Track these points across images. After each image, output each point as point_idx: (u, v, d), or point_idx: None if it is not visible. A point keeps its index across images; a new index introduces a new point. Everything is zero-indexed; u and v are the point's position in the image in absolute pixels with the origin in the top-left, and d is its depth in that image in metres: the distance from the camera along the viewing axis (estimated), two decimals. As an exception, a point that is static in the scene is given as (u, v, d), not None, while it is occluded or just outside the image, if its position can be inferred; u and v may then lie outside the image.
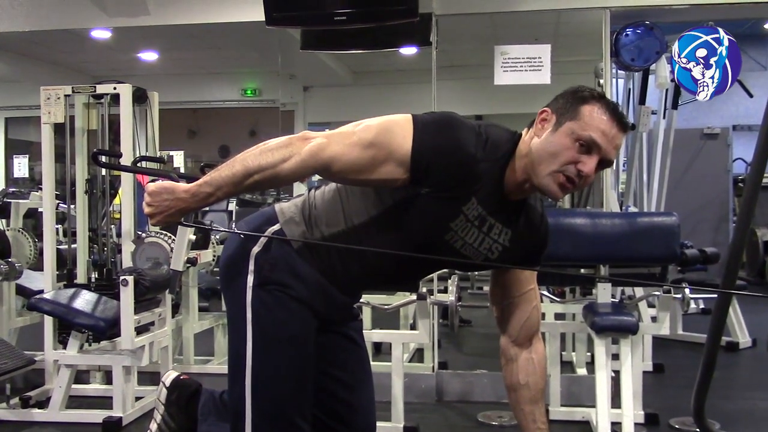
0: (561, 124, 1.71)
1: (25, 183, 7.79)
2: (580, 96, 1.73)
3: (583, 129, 1.69)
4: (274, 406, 1.83)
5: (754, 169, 1.98)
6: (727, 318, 2.48)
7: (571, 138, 1.69)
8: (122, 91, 3.97)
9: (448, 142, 1.69)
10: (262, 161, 1.68)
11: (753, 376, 4.65)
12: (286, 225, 1.85)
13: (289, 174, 1.69)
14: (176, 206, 1.73)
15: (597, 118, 1.70)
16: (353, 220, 1.82)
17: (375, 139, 1.70)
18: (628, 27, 4.47)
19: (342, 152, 1.69)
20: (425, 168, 1.68)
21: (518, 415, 1.99)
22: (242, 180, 1.69)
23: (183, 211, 1.75)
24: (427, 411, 3.86)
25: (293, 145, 1.68)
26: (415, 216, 1.75)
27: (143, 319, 3.63)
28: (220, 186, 1.71)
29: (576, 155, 1.69)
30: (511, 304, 1.96)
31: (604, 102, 1.73)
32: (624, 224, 3.43)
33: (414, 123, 1.71)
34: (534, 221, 1.89)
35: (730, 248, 2.12)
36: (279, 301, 1.81)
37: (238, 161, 1.69)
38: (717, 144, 7.39)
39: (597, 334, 3.22)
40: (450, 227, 1.76)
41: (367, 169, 1.70)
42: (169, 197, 1.73)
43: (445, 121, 1.73)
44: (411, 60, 6.43)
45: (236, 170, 1.69)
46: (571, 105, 1.72)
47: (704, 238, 6.30)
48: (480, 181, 1.72)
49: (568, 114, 1.71)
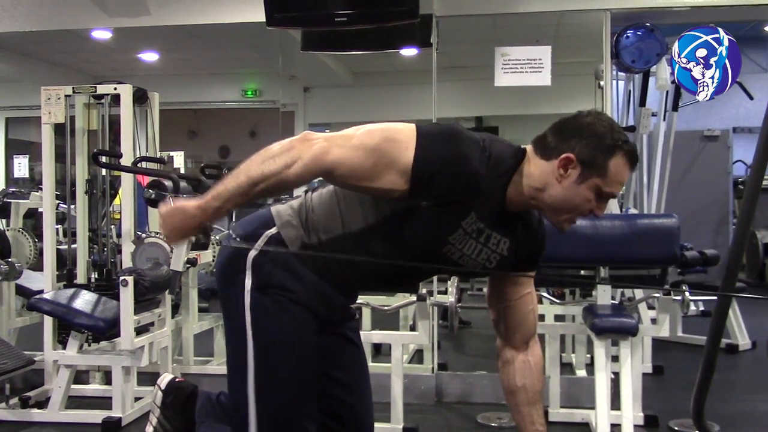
0: (587, 179, 1.72)
1: (25, 183, 7.79)
2: (608, 147, 1.71)
3: (608, 186, 1.73)
4: (280, 410, 1.82)
5: (755, 171, 1.98)
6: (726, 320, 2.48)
7: (595, 192, 1.74)
8: (123, 91, 3.97)
9: (452, 156, 1.67)
10: (265, 170, 1.66)
11: (752, 379, 4.64)
12: (283, 228, 1.84)
13: (294, 179, 1.68)
14: (190, 224, 1.75)
15: (622, 172, 1.74)
16: (350, 227, 1.81)
17: (378, 146, 1.68)
18: (628, 29, 4.47)
19: (345, 156, 1.67)
20: (426, 181, 1.67)
21: (516, 417, 1.99)
22: (248, 190, 1.68)
23: (197, 228, 1.77)
24: (426, 412, 3.86)
25: (295, 149, 1.67)
26: (413, 228, 1.75)
27: (143, 320, 3.63)
28: (228, 199, 1.71)
29: (594, 203, 1.76)
30: (507, 308, 1.97)
31: (628, 150, 1.74)
32: (624, 226, 3.43)
33: (417, 134, 1.69)
34: (532, 226, 1.90)
35: (730, 250, 2.12)
36: (278, 305, 1.81)
37: (242, 171, 1.69)
38: (717, 146, 7.39)
39: (597, 336, 3.22)
40: (448, 240, 1.77)
41: (368, 177, 1.68)
42: (182, 217, 1.74)
43: (450, 134, 1.71)
44: (411, 61, 6.42)
45: (241, 181, 1.68)
46: (599, 159, 1.71)
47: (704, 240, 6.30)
48: (481, 197, 1.71)
49: (596, 170, 1.72)
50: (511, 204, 1.78)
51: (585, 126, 1.73)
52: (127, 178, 4.03)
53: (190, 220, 1.74)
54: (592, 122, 1.74)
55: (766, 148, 1.90)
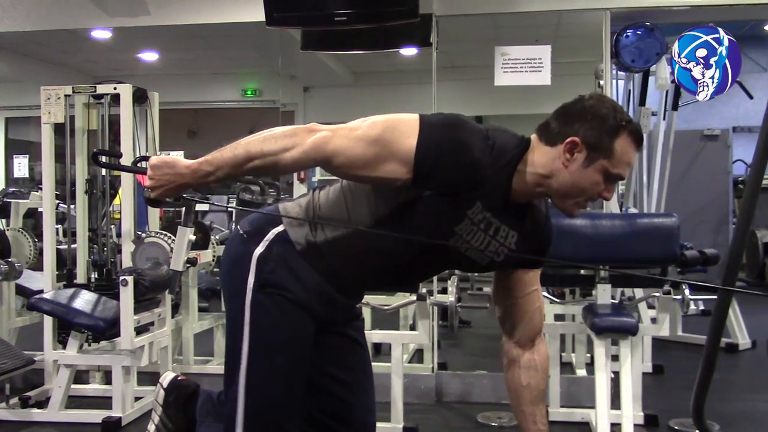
0: (593, 161, 1.71)
1: (25, 183, 7.79)
2: (612, 128, 1.71)
3: (615, 167, 1.72)
4: (265, 409, 1.83)
5: (754, 170, 1.98)
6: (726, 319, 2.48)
7: (603, 174, 1.73)
8: (122, 91, 3.96)
9: (454, 144, 1.68)
10: (264, 147, 1.69)
11: (752, 378, 4.64)
12: (289, 226, 1.84)
13: (289, 163, 1.69)
14: (176, 181, 1.75)
15: (628, 152, 1.73)
16: (358, 224, 1.81)
17: (380, 136, 1.69)
18: (628, 28, 4.47)
19: (345, 146, 1.68)
20: (428, 168, 1.67)
21: (519, 415, 1.99)
22: (243, 163, 1.70)
23: (182, 186, 1.77)
24: (426, 411, 3.86)
25: (298, 136, 1.69)
26: (420, 219, 1.74)
27: (143, 320, 3.62)
28: (220, 166, 1.72)
29: (603, 186, 1.74)
30: (514, 305, 1.96)
31: (633, 129, 1.73)
32: (624, 225, 3.43)
33: (420, 122, 1.70)
34: (539, 222, 1.89)
35: (730, 250, 2.12)
36: (276, 305, 1.81)
37: (242, 144, 1.71)
38: (717, 145, 7.39)
39: (597, 335, 3.22)
40: (455, 231, 1.76)
41: (368, 165, 1.69)
42: (170, 171, 1.75)
43: (453, 123, 1.72)
44: (411, 61, 6.42)
45: (238, 153, 1.70)
46: (604, 140, 1.70)
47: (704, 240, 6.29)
48: (484, 187, 1.71)
49: (602, 152, 1.71)
50: (516, 194, 1.77)
51: (588, 109, 1.73)
52: (126, 178, 4.03)
53: (178, 177, 1.74)
54: (594, 104, 1.74)
55: (765, 148, 1.91)
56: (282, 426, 1.84)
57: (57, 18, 4.87)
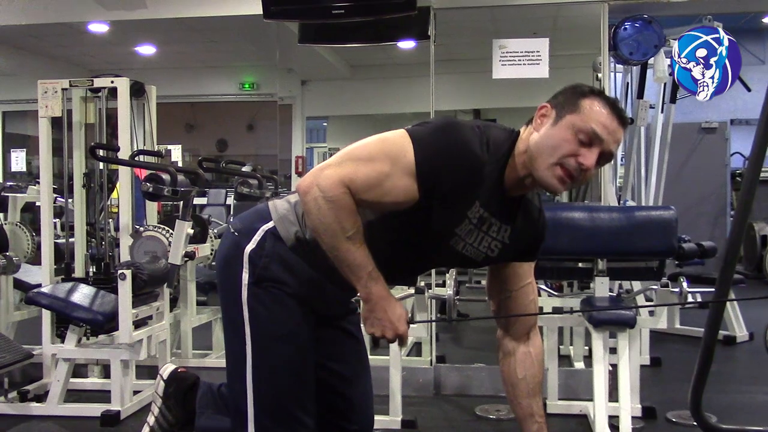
0: (561, 118, 1.71)
1: (22, 177, 7.77)
2: (579, 91, 1.74)
3: (584, 121, 1.68)
4: (276, 402, 1.83)
5: (752, 163, 1.98)
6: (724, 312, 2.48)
7: (572, 131, 1.69)
8: (120, 84, 3.96)
9: (453, 145, 1.68)
10: (321, 235, 1.68)
11: (750, 370, 4.66)
12: (279, 222, 1.84)
13: (341, 221, 1.65)
14: (385, 312, 1.73)
15: (597, 111, 1.70)
16: None
17: (373, 153, 1.68)
18: (626, 21, 4.46)
19: (352, 171, 1.66)
20: (434, 178, 1.66)
21: (516, 408, 1.99)
22: (334, 253, 1.69)
23: (390, 307, 1.74)
24: (424, 404, 3.86)
25: (317, 200, 1.65)
26: (419, 224, 1.73)
27: (141, 313, 3.62)
28: (352, 269, 1.71)
29: (576, 148, 1.69)
30: (508, 299, 1.96)
31: (604, 97, 1.74)
32: (622, 218, 3.43)
33: (410, 134, 1.70)
34: (532, 216, 1.89)
35: (728, 242, 2.12)
36: (275, 298, 1.81)
37: (341, 263, 1.70)
38: (715, 138, 7.40)
39: (594, 328, 3.23)
40: (455, 233, 1.76)
41: (378, 184, 1.66)
42: (380, 313, 1.73)
43: (443, 128, 1.71)
44: (409, 54, 6.40)
45: (345, 261, 1.69)
46: (571, 99, 1.72)
47: (702, 232, 6.31)
48: (483, 184, 1.71)
49: (568, 108, 1.71)
50: (510, 186, 1.77)
51: (565, 87, 1.77)
52: (124, 171, 4.02)
53: (383, 311, 1.73)
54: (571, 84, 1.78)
55: (763, 140, 1.91)
56: (293, 414, 1.84)
57: (54, 11, 4.85)
